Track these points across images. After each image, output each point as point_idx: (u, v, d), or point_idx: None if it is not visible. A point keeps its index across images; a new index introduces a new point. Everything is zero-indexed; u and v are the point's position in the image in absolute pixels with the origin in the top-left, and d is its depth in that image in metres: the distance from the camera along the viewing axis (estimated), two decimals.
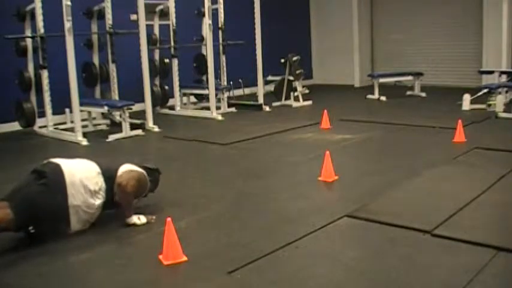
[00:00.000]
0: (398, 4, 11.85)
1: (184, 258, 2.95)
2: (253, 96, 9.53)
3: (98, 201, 3.50)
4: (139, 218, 3.59)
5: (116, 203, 3.60)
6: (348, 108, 8.65)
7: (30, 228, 3.28)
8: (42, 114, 7.29)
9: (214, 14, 8.67)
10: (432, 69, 10.88)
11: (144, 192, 3.78)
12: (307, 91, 9.44)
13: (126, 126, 6.82)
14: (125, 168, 3.66)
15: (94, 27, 8.04)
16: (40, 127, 7.45)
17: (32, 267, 2.99)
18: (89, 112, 7.55)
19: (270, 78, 9.69)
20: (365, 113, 8.14)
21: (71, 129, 6.95)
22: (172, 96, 8.83)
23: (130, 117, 6.97)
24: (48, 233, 3.36)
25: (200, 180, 4.73)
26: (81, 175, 3.48)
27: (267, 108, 8.79)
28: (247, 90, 10.35)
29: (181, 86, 8.85)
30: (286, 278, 2.74)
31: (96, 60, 8.03)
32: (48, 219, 3.33)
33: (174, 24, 8.44)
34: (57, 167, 3.46)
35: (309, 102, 9.27)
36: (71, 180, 3.41)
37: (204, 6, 8.21)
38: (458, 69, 10.97)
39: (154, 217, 3.62)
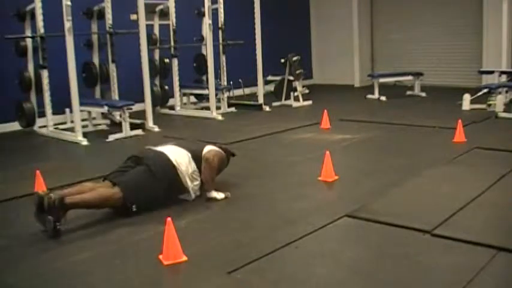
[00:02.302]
0: (398, 4, 11.85)
1: (184, 258, 2.95)
2: (253, 96, 9.53)
3: (195, 182, 4.00)
4: (218, 193, 4.00)
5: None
6: (348, 108, 8.65)
7: (133, 206, 3.66)
8: (42, 114, 7.29)
9: (214, 14, 8.67)
10: (432, 69, 10.87)
11: (224, 168, 4.28)
12: (307, 91, 9.44)
13: (126, 126, 6.82)
14: (209, 148, 4.11)
15: (94, 27, 8.04)
16: (40, 127, 7.45)
17: (32, 267, 2.99)
18: (89, 112, 7.55)
19: (270, 78, 9.69)
20: (365, 113, 8.14)
21: (71, 129, 6.95)
22: (172, 96, 8.83)
23: (130, 117, 6.97)
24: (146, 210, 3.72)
25: None
26: (180, 160, 3.94)
27: (267, 108, 8.79)
28: (247, 90, 10.35)
29: (181, 86, 8.85)
30: (286, 278, 2.74)
31: (96, 60, 8.03)
32: (150, 200, 3.75)
33: (174, 24, 8.44)
34: (162, 154, 3.93)
35: (309, 102, 9.27)
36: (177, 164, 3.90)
37: (204, 6, 8.21)
38: (458, 69, 10.97)
39: (229, 193, 4.06)
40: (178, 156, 3.96)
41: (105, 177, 3.88)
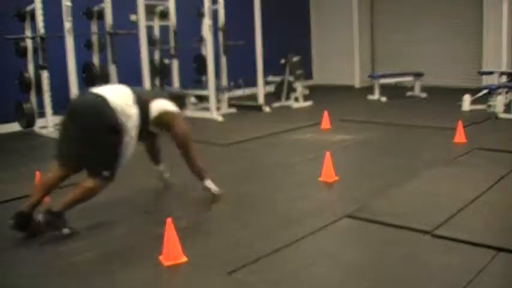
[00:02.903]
0: (398, 4, 11.85)
1: (185, 259, 2.95)
2: (254, 96, 9.53)
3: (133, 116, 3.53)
4: (213, 185, 3.79)
5: (151, 134, 3.80)
6: (348, 109, 8.65)
7: (105, 172, 3.37)
8: (42, 115, 7.29)
9: (214, 15, 8.67)
10: (432, 70, 10.87)
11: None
12: (307, 92, 9.44)
13: None
14: (160, 107, 3.67)
15: (94, 28, 8.04)
16: (40, 127, 7.45)
17: (32, 267, 2.99)
18: None
19: (270, 78, 9.69)
20: (365, 113, 8.13)
21: None
22: None
23: None
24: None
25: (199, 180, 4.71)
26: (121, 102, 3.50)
27: (267, 109, 8.79)
28: (248, 91, 10.35)
29: (181, 87, 8.84)
30: (286, 278, 2.74)
31: (96, 60, 8.03)
32: (109, 157, 3.44)
33: (174, 25, 8.44)
34: (88, 98, 3.58)
35: (309, 103, 9.26)
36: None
37: (204, 7, 8.21)
38: (458, 70, 10.96)
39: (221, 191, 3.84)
40: (112, 93, 3.55)
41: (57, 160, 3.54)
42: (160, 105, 3.72)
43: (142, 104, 3.62)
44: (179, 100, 3.98)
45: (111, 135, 3.43)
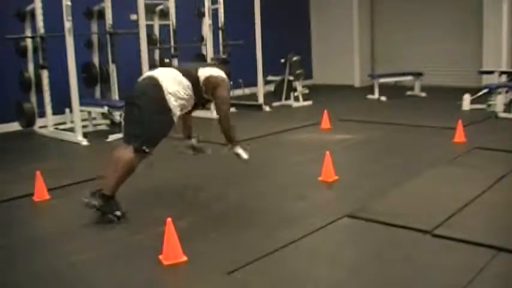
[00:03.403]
0: (398, 4, 11.85)
1: (185, 259, 2.95)
2: (254, 96, 9.53)
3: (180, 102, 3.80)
4: (243, 151, 4.01)
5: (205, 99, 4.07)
6: (348, 109, 8.65)
7: (144, 148, 3.59)
8: (42, 114, 7.29)
9: (214, 14, 8.67)
10: (432, 69, 10.87)
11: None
12: (307, 91, 9.44)
13: None
14: (206, 72, 3.93)
15: (94, 27, 8.04)
16: (40, 127, 7.45)
17: (32, 267, 2.99)
18: (89, 112, 7.54)
19: (270, 78, 9.69)
20: (365, 113, 8.13)
21: (71, 129, 6.95)
22: None
23: None
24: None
25: (200, 180, 4.72)
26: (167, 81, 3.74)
27: (267, 108, 8.79)
28: (247, 90, 10.35)
29: None
30: (286, 278, 2.74)
31: (96, 60, 8.03)
32: (153, 134, 3.68)
33: (174, 24, 8.44)
34: (145, 79, 3.84)
35: (309, 102, 9.27)
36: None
37: (204, 6, 8.21)
38: (458, 69, 10.96)
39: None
40: (168, 75, 3.81)
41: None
42: (206, 71, 3.99)
43: (191, 75, 3.88)
44: (224, 65, 4.34)
45: (159, 114, 3.67)
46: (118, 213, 3.58)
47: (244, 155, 4.01)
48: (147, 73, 4.03)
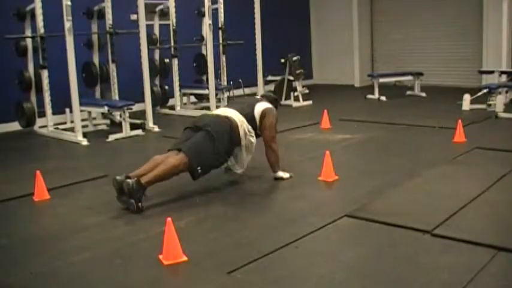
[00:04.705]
0: (398, 4, 11.84)
1: (185, 258, 2.95)
2: (253, 96, 9.53)
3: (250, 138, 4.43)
4: (284, 173, 4.50)
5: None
6: (348, 108, 8.65)
7: (198, 168, 4.02)
8: (42, 114, 7.29)
9: (214, 14, 8.67)
10: (432, 69, 10.87)
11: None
12: (307, 91, 9.44)
13: (126, 126, 6.82)
14: (260, 109, 4.57)
15: (94, 27, 8.04)
16: (40, 127, 7.45)
17: (32, 267, 2.99)
18: (89, 112, 7.54)
19: (270, 78, 9.69)
20: (365, 113, 8.13)
21: (71, 129, 6.95)
22: (173, 96, 8.83)
23: (130, 117, 6.97)
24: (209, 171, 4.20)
25: (200, 180, 4.72)
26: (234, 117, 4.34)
27: None
28: (248, 90, 10.35)
29: (181, 86, 8.85)
30: (286, 278, 2.74)
31: (96, 60, 8.03)
32: (212, 161, 4.15)
33: (174, 24, 8.44)
34: (217, 116, 4.35)
35: (309, 102, 9.27)
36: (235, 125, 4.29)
37: (204, 6, 8.21)
38: (458, 69, 10.96)
39: (292, 174, 4.53)
40: (233, 113, 4.36)
41: (169, 149, 4.19)
42: (260, 106, 4.59)
43: (248, 113, 4.47)
44: (274, 102, 4.92)
45: (230, 144, 4.26)
46: (140, 204, 3.73)
47: (286, 175, 4.51)
48: (218, 112, 4.55)
